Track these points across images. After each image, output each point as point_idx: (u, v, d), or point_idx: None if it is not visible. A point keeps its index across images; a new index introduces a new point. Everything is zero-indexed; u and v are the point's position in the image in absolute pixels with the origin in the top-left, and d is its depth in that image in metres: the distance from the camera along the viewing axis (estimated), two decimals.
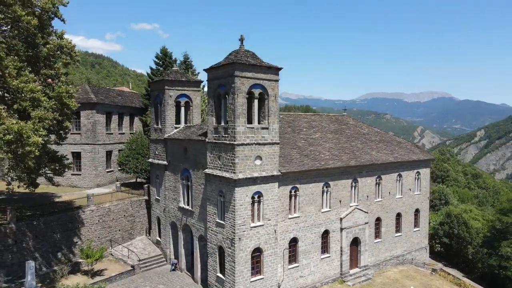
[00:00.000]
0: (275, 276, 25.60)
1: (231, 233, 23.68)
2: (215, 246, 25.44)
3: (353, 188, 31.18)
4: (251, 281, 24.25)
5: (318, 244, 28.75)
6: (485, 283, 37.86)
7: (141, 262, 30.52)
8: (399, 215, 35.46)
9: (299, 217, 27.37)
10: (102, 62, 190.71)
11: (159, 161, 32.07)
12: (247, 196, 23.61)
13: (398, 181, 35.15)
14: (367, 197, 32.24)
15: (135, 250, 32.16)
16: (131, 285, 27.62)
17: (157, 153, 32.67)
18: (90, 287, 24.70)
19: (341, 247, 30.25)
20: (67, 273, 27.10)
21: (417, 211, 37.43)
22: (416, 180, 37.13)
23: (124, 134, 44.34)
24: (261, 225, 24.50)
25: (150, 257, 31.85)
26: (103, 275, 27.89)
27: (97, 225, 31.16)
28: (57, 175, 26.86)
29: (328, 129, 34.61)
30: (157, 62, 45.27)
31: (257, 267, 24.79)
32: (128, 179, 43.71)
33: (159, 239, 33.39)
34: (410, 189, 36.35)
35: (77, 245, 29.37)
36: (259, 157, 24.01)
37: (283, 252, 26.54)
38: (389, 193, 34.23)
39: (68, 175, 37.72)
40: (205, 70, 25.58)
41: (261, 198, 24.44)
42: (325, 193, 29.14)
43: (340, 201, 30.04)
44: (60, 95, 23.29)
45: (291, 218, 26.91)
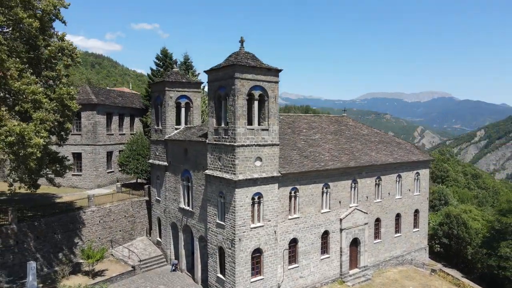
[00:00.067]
0: (275, 276, 25.73)
1: (231, 234, 23.81)
2: (216, 246, 25.57)
3: (352, 189, 31.30)
4: (251, 282, 24.37)
5: (318, 244, 28.88)
6: (485, 283, 37.99)
7: (141, 262, 30.66)
8: (398, 216, 35.59)
9: (299, 218, 27.49)
10: (102, 62, 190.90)
11: (160, 162, 32.20)
12: (247, 197, 23.74)
13: (397, 182, 35.27)
14: (367, 198, 32.37)
15: (136, 250, 32.29)
16: (132, 285, 27.75)
17: (157, 154, 32.80)
18: None
19: (341, 248, 30.37)
20: (68, 274, 27.24)
21: (416, 212, 37.56)
22: (415, 180, 37.26)
23: (124, 135, 44.46)
24: (261, 226, 24.63)
25: (150, 258, 31.98)
26: (104, 276, 28.03)
27: (98, 225, 31.30)
28: (58, 176, 26.98)
29: (328, 130, 34.74)
30: (157, 63, 45.44)
31: (257, 267, 24.91)
32: (128, 179, 43.85)
33: (160, 240, 33.53)
34: (409, 190, 36.48)
35: (78, 246, 29.50)
36: (259, 158, 24.14)
37: (283, 252, 26.67)
38: (389, 193, 34.36)
39: (68, 176, 37.87)
40: (206, 71, 25.71)
41: (261, 199, 24.57)
42: (325, 194, 29.27)
43: (339, 202, 30.17)
44: (61, 96, 23.44)
45: (291, 219, 27.03)
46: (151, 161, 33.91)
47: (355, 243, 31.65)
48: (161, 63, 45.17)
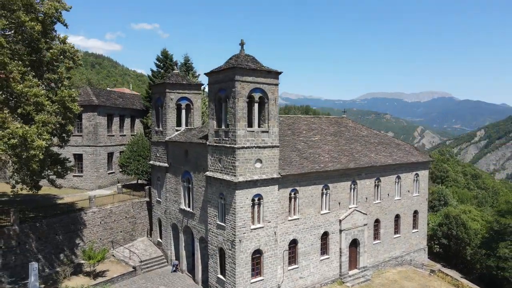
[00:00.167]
0: (275, 277, 25.92)
1: (232, 235, 24.00)
2: (216, 247, 25.77)
3: (352, 190, 31.49)
4: (251, 282, 24.56)
5: (317, 245, 29.06)
6: (483, 284, 38.24)
7: (142, 263, 30.86)
8: (398, 217, 35.77)
9: (298, 219, 27.68)
10: (102, 62, 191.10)
11: (160, 163, 32.39)
12: (247, 198, 23.93)
13: (397, 183, 35.45)
14: (366, 199, 32.56)
15: (137, 251, 32.49)
16: (133, 286, 27.95)
17: (158, 155, 32.99)
18: None
19: (340, 249, 30.56)
20: (70, 274, 27.46)
21: (415, 213, 37.73)
22: (414, 182, 37.43)
23: (125, 136, 44.65)
24: (261, 227, 24.82)
25: (151, 258, 32.18)
26: (105, 276, 28.23)
27: (99, 226, 31.50)
28: (59, 177, 27.16)
29: (327, 131, 34.93)
30: (158, 64, 45.65)
31: (257, 268, 25.10)
32: (129, 180, 44.04)
33: (160, 241, 33.72)
34: (408, 191, 36.67)
35: (79, 247, 29.69)
36: (259, 160, 24.33)
37: (283, 253, 26.85)
38: (388, 195, 34.55)
39: (69, 177, 38.09)
40: (206, 74, 25.89)
41: (261, 200, 24.76)
42: (325, 195, 29.45)
43: (339, 203, 30.35)
44: (63, 99, 23.64)
45: (290, 220, 27.22)
46: (151, 162, 34.10)
47: (354, 244, 31.84)
48: (161, 64, 45.39)
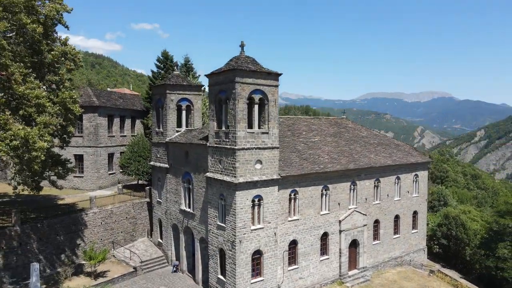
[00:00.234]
0: (275, 277, 26.06)
1: (232, 236, 24.14)
2: (216, 248, 25.91)
3: (352, 191, 31.62)
4: (252, 283, 24.70)
5: (317, 246, 29.19)
6: (483, 284, 38.37)
7: (143, 263, 31.00)
8: (397, 217, 35.90)
9: (298, 219, 27.81)
10: (102, 62, 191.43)
11: (161, 164, 32.53)
12: (247, 199, 24.07)
13: (396, 184, 35.58)
14: (366, 199, 32.69)
15: (137, 251, 32.62)
16: (134, 286, 28.09)
17: (158, 156, 33.13)
18: None
19: (340, 249, 30.70)
20: (71, 275, 27.60)
21: (415, 213, 37.86)
22: (414, 182, 37.56)
23: (125, 136, 44.78)
24: (261, 228, 24.96)
25: (152, 259, 32.32)
26: (106, 277, 28.37)
27: (100, 227, 31.64)
28: (60, 178, 27.29)
29: (327, 132, 35.06)
30: (158, 65, 45.80)
31: (257, 269, 25.24)
32: (129, 181, 44.18)
33: (161, 241, 33.86)
34: (408, 192, 36.80)
35: (80, 247, 29.83)
36: (259, 161, 24.46)
37: (283, 254, 26.99)
38: (388, 195, 34.68)
39: (70, 177, 38.17)
40: (206, 75, 26.03)
41: (261, 201, 24.89)
42: (324, 196, 29.59)
43: (339, 204, 30.49)
44: (64, 100, 23.78)
45: (290, 220, 27.35)
46: (152, 163, 34.22)
47: (354, 244, 31.98)
48: (162, 65, 45.54)
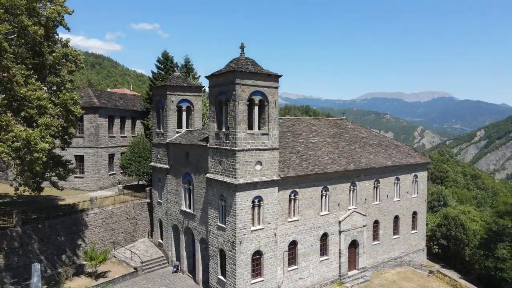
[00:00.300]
0: (275, 278, 26.19)
1: (232, 237, 24.27)
2: (217, 249, 26.04)
3: (351, 191, 31.75)
4: (252, 283, 24.83)
5: (317, 246, 29.33)
6: (482, 284, 38.52)
7: (143, 264, 31.13)
8: (397, 218, 36.04)
9: (298, 220, 27.94)
10: (102, 62, 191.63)
11: (161, 165, 32.65)
12: (247, 200, 24.20)
13: (396, 184, 35.71)
14: (365, 200, 32.82)
15: (138, 252, 32.75)
16: (134, 286, 28.22)
17: (159, 157, 33.25)
18: None
19: (340, 250, 30.83)
20: (72, 275, 27.72)
21: (414, 214, 37.99)
22: (413, 183, 37.69)
23: (126, 137, 44.89)
24: (261, 229, 25.09)
25: (152, 259, 32.45)
26: (107, 277, 28.50)
27: (101, 227, 31.77)
28: (61, 179, 27.37)
29: (327, 133, 35.18)
30: (158, 66, 45.93)
31: (257, 269, 25.37)
32: (130, 181, 44.29)
33: (161, 242, 33.99)
34: (407, 192, 36.93)
35: (81, 248, 29.95)
36: (259, 163, 24.59)
37: (283, 254, 27.12)
38: (387, 196, 34.81)
39: (71, 178, 38.18)
40: (207, 77, 26.16)
41: (261, 202, 25.02)
42: (324, 197, 29.71)
43: (338, 205, 30.62)
44: (65, 102, 23.87)
45: (290, 221, 27.48)
46: (152, 164, 34.34)
47: (353, 245, 32.11)
48: (162, 66, 45.67)
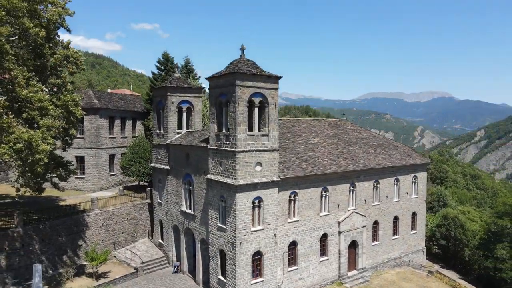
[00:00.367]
0: (275, 278, 26.32)
1: (232, 237, 24.40)
2: (217, 249, 26.17)
3: (351, 192, 31.87)
4: (252, 284, 24.96)
5: (317, 247, 29.45)
6: (481, 285, 38.62)
7: (144, 264, 31.26)
8: (396, 218, 36.16)
9: (298, 221, 28.07)
10: (102, 62, 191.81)
11: (162, 166, 32.77)
12: (247, 201, 24.33)
13: (395, 185, 35.83)
14: (365, 201, 32.94)
15: (138, 252, 32.88)
16: (135, 287, 28.34)
17: (159, 157, 33.38)
18: None
19: (339, 250, 30.96)
20: (73, 276, 27.85)
21: (414, 214, 38.11)
22: (413, 183, 37.80)
23: (126, 138, 45.02)
24: (261, 229, 25.22)
25: (152, 260, 32.57)
26: (107, 278, 28.64)
27: (101, 228, 31.90)
28: (62, 180, 27.48)
29: (327, 134, 35.31)
30: (159, 67, 46.10)
31: (257, 270, 25.50)
32: (130, 182, 44.41)
33: (162, 242, 34.12)
34: (407, 193, 37.04)
35: (82, 248, 30.10)
36: (259, 164, 24.72)
37: (283, 255, 27.24)
38: (387, 196, 34.94)
39: (72, 179, 38.22)
40: (207, 78, 26.29)
41: (261, 203, 25.15)
42: (324, 198, 29.84)
43: (338, 205, 30.74)
44: (66, 103, 23.98)
45: (290, 222, 27.60)
46: (153, 164, 34.47)
47: (353, 245, 32.23)
48: (162, 67, 45.83)
